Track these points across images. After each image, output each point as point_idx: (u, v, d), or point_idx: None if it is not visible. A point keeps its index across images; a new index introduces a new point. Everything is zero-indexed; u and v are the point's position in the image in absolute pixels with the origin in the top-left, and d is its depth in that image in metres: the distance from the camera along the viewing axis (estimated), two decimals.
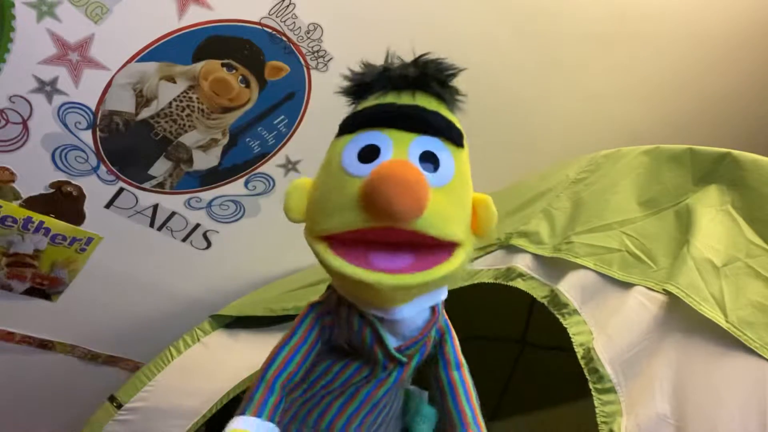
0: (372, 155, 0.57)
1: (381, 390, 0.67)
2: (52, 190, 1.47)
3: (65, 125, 1.38)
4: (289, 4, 1.40)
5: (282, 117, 1.57)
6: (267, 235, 1.71)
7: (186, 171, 1.57)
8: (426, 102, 0.61)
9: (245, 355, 1.36)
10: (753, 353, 0.70)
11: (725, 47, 1.96)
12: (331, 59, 1.51)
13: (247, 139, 1.58)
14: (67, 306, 1.71)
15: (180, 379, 1.48)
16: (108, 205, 1.56)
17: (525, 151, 1.99)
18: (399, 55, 0.63)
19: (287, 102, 1.55)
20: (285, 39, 1.44)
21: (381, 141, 0.58)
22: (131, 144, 1.46)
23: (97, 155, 1.45)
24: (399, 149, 0.57)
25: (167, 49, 1.36)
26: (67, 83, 1.32)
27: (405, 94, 0.60)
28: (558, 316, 0.93)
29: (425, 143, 0.59)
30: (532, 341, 1.91)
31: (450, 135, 0.60)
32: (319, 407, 0.67)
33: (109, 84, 1.35)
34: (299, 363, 0.65)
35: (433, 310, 0.66)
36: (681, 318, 0.80)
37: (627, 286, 0.89)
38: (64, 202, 1.50)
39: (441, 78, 0.61)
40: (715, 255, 0.82)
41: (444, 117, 0.61)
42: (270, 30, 1.42)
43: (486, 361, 0.83)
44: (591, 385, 0.81)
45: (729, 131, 2.20)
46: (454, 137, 0.61)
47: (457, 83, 0.63)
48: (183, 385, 1.45)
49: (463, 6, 1.57)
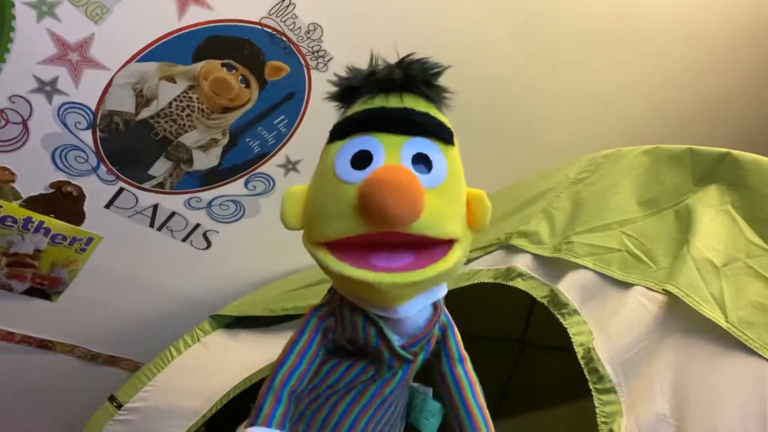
0: (365, 161, 0.57)
1: (387, 389, 0.68)
2: (52, 190, 1.47)
3: (65, 125, 1.38)
4: (289, 4, 1.40)
5: (282, 117, 1.57)
6: (267, 235, 1.71)
7: (186, 171, 1.57)
8: (414, 103, 0.60)
9: (245, 355, 1.36)
10: (753, 353, 0.71)
11: (725, 47, 1.96)
12: (331, 59, 1.51)
13: (247, 139, 1.58)
14: (67, 306, 1.71)
15: (180, 379, 1.48)
16: (108, 205, 1.56)
17: (525, 151, 1.99)
18: (383, 57, 0.62)
19: (287, 102, 1.55)
20: (285, 39, 1.44)
21: (372, 146, 0.58)
22: (131, 144, 1.46)
23: (97, 155, 1.45)
24: (391, 154, 0.57)
25: (167, 49, 1.36)
26: (67, 83, 1.32)
27: (393, 96, 0.60)
28: (558, 316, 0.93)
29: (417, 145, 0.59)
30: (531, 341, 1.90)
31: (440, 134, 0.60)
32: (326, 407, 0.67)
33: (109, 84, 1.35)
34: (305, 370, 0.65)
35: (435, 307, 0.67)
36: (681, 318, 0.80)
37: (627, 286, 0.89)
38: (64, 202, 1.50)
39: (427, 78, 0.61)
40: (715, 255, 0.83)
41: (433, 117, 0.61)
42: (270, 30, 1.42)
43: (486, 361, 0.83)
44: (591, 385, 0.81)
45: (729, 131, 2.20)
46: (444, 136, 0.61)
47: (444, 81, 0.62)
48: (183, 385, 1.45)
49: (463, 5, 1.56)
